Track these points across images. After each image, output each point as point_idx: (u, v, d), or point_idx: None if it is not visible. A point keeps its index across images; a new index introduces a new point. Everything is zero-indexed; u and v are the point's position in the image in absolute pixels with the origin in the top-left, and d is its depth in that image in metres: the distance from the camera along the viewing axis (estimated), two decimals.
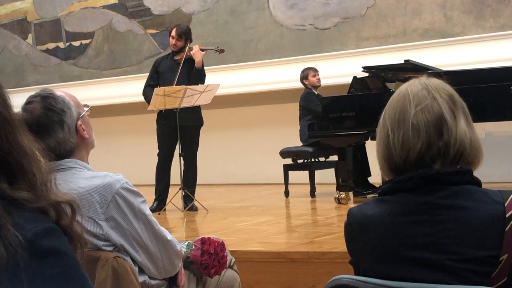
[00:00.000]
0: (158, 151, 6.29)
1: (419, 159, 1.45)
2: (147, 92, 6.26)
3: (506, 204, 1.39)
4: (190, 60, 6.18)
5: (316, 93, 7.07)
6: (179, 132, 5.96)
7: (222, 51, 6.53)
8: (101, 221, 2.01)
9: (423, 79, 1.52)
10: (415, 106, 1.46)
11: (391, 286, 1.37)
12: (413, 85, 1.50)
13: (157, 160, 6.28)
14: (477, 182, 1.47)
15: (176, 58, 6.24)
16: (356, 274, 1.55)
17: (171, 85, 5.94)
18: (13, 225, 0.87)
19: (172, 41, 6.27)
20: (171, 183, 6.29)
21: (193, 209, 6.07)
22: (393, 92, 6.26)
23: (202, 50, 6.21)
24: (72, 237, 0.96)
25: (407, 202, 1.45)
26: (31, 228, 0.89)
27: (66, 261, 0.91)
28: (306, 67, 7.27)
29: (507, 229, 1.36)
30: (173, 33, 6.26)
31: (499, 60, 6.74)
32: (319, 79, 7.12)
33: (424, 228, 1.42)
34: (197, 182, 6.30)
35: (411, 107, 1.46)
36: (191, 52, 6.14)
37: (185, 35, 6.25)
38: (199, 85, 5.96)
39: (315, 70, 7.15)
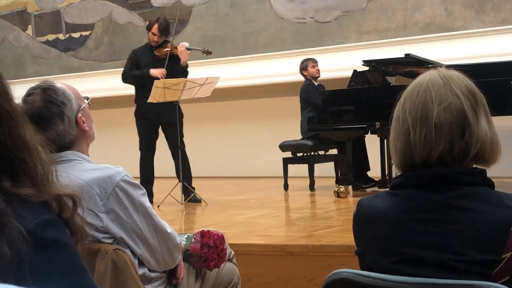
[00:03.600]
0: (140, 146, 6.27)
1: (440, 159, 1.43)
2: (127, 74, 6.28)
3: None
4: (172, 57, 6.15)
5: (316, 84, 7.06)
6: (163, 128, 6.06)
7: (209, 52, 6.46)
8: (101, 213, 2.01)
9: (443, 72, 1.49)
10: (438, 105, 1.43)
11: (391, 281, 1.37)
12: (433, 80, 1.47)
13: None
14: (490, 184, 1.46)
15: (157, 54, 6.20)
16: (360, 265, 1.55)
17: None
18: (15, 218, 0.87)
19: (154, 37, 6.19)
20: (168, 176, 6.27)
21: (195, 200, 6.02)
22: (393, 86, 6.19)
23: (188, 49, 6.17)
24: (73, 230, 0.96)
25: (418, 199, 1.44)
26: (33, 219, 0.89)
27: (67, 253, 0.91)
28: (305, 58, 7.25)
29: None
30: (155, 30, 6.15)
31: (500, 54, 6.73)
32: (318, 70, 7.09)
33: (432, 226, 1.41)
34: (197, 175, 6.29)
35: (434, 106, 1.43)
36: (178, 51, 6.10)
37: (166, 32, 6.22)
38: (199, 77, 5.94)
39: (314, 61, 7.12)
